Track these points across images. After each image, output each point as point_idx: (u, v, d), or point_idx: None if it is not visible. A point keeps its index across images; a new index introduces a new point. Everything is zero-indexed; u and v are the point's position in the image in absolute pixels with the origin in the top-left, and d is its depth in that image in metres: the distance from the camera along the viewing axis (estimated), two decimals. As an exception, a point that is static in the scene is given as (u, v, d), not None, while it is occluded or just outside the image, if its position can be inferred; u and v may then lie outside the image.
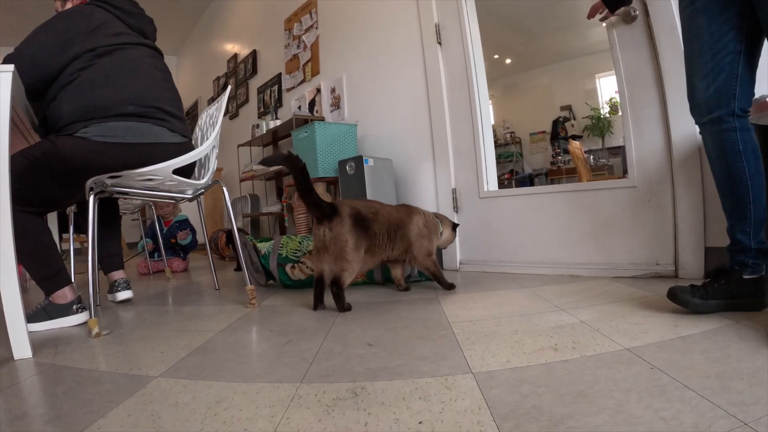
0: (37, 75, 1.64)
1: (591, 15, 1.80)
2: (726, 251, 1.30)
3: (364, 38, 3.24)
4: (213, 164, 1.95)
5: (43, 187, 1.66)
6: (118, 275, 2.19)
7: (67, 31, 1.66)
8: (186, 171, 1.89)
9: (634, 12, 1.85)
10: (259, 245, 2.21)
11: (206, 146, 1.83)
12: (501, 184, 7.93)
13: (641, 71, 1.88)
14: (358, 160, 2.60)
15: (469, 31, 2.53)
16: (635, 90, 1.91)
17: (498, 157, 8.40)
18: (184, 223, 3.62)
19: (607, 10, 1.73)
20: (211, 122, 2.01)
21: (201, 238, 4.68)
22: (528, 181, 7.79)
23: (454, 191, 2.58)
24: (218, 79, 6.11)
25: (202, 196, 2.15)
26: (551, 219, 2.14)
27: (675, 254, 1.76)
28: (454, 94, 2.58)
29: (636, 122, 1.91)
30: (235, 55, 5.54)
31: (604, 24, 1.94)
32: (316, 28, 3.78)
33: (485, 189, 2.43)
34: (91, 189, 1.67)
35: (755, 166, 1.20)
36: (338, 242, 1.63)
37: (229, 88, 2.06)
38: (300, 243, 2.16)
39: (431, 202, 2.70)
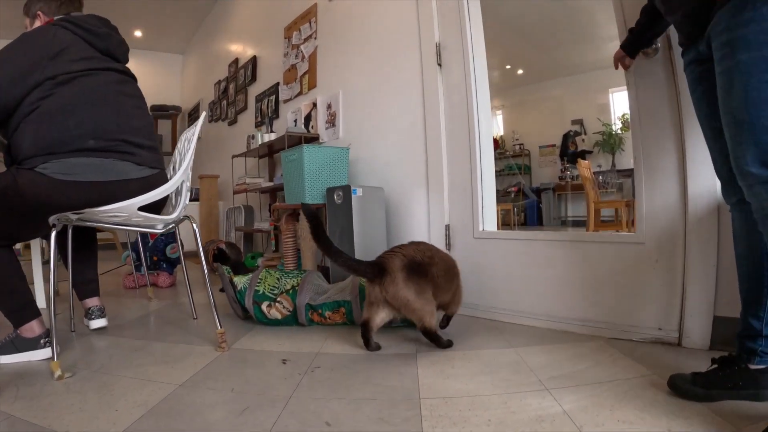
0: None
1: (616, 65, 1.72)
2: (736, 338, 1.20)
3: (363, 53, 3.11)
4: (184, 198, 1.84)
5: (6, 222, 1.60)
6: (92, 302, 2.12)
7: (26, 58, 1.56)
8: (158, 203, 1.78)
9: (655, 44, 1.66)
10: (236, 279, 2.10)
11: (173, 183, 1.72)
12: (507, 197, 7.81)
13: (659, 112, 1.68)
14: (347, 189, 2.47)
15: (472, 53, 2.36)
16: (650, 133, 1.71)
17: (506, 169, 8.26)
18: (172, 237, 3.49)
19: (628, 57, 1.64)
20: (187, 147, 1.89)
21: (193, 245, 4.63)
22: (535, 196, 7.67)
23: (447, 227, 2.43)
24: (219, 82, 6.03)
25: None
26: (548, 268, 1.99)
27: (680, 321, 1.61)
28: (453, 122, 2.41)
29: (649, 171, 1.72)
30: (236, 60, 5.45)
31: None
32: (315, 38, 3.67)
33: (480, 228, 2.27)
34: (54, 225, 1.58)
35: None
36: (398, 300, 1.61)
37: (203, 115, 1.94)
38: (278, 280, 2.05)
39: (422, 237, 2.55)
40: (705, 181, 1.55)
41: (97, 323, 2.09)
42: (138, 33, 7.39)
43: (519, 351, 1.65)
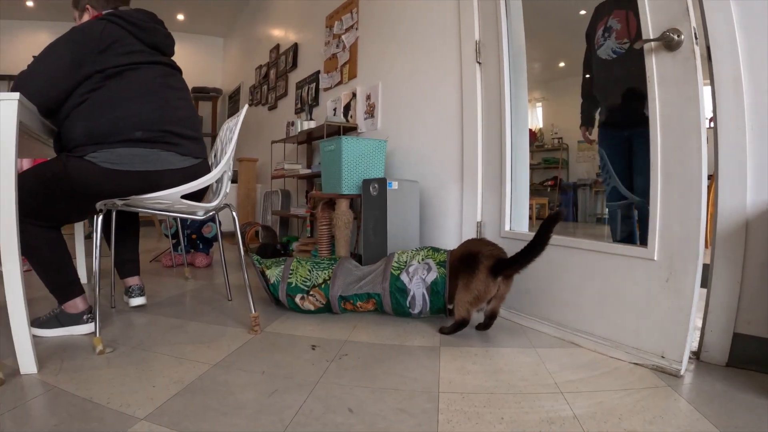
0: (48, 97, 1.64)
1: (585, 139, 1.95)
2: None
3: (403, 46, 3.16)
4: (225, 186, 1.93)
5: (54, 205, 1.70)
6: (132, 281, 2.23)
7: (78, 52, 1.64)
8: (200, 190, 1.88)
9: (678, 36, 1.50)
10: (268, 273, 2.18)
11: (214, 174, 1.82)
12: (544, 191, 7.72)
13: (683, 115, 1.52)
14: (382, 182, 2.54)
15: (512, 51, 2.36)
16: (672, 139, 1.55)
17: (544, 162, 8.15)
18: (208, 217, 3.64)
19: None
20: (229, 137, 1.98)
21: (230, 225, 4.78)
22: (572, 191, 7.55)
23: (479, 224, 2.46)
24: (260, 67, 6.15)
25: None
26: (563, 275, 1.95)
27: (701, 335, 1.59)
28: (490, 119, 2.43)
29: (667, 179, 1.56)
30: (278, 46, 5.55)
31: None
32: (356, 29, 3.72)
33: (506, 228, 2.30)
34: (100, 210, 1.70)
35: None
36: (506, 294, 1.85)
37: (246, 107, 2.02)
38: (310, 272, 2.12)
39: (454, 232, 2.62)
40: (734, 196, 1.50)
41: (137, 301, 2.20)
42: (180, 16, 7.61)
43: (540, 353, 1.70)
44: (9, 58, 7.16)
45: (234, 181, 5.34)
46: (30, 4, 6.95)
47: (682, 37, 1.52)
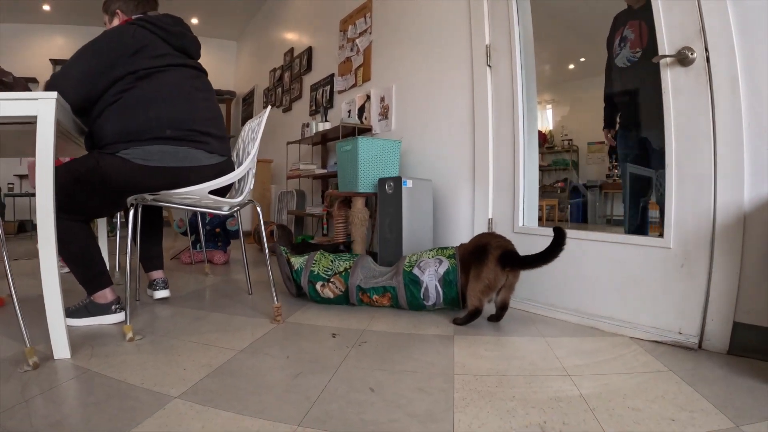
0: (82, 95, 1.74)
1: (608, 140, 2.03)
2: None
3: (416, 50, 3.26)
4: (250, 183, 2.04)
5: (86, 200, 1.78)
6: (157, 275, 2.33)
7: (110, 54, 1.74)
8: (224, 187, 1.98)
9: (691, 54, 1.71)
10: (293, 260, 2.29)
11: (240, 171, 1.93)
12: (554, 192, 7.76)
13: (695, 123, 1.72)
14: (398, 181, 2.64)
15: (522, 54, 2.46)
16: (684, 143, 1.75)
17: (553, 164, 8.20)
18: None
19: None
20: (252, 137, 2.09)
21: (247, 225, 4.89)
22: (580, 193, 7.58)
23: (490, 221, 2.57)
24: (274, 70, 6.26)
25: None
26: (579, 266, 2.09)
27: (702, 325, 1.68)
28: (500, 120, 2.54)
29: (680, 179, 1.77)
30: (292, 49, 5.66)
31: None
32: (370, 33, 3.82)
33: (520, 224, 2.41)
34: (132, 205, 1.80)
35: None
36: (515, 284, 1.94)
37: (269, 108, 2.13)
38: (332, 262, 2.23)
39: (466, 229, 2.72)
40: (734, 192, 1.61)
41: (161, 293, 2.30)
42: (195, 20, 7.75)
43: (549, 341, 1.78)
44: (26, 62, 7.29)
45: (249, 181, 5.44)
46: (46, 8, 7.09)
47: (695, 55, 1.71)
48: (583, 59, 7.63)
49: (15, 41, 7.41)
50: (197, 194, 1.84)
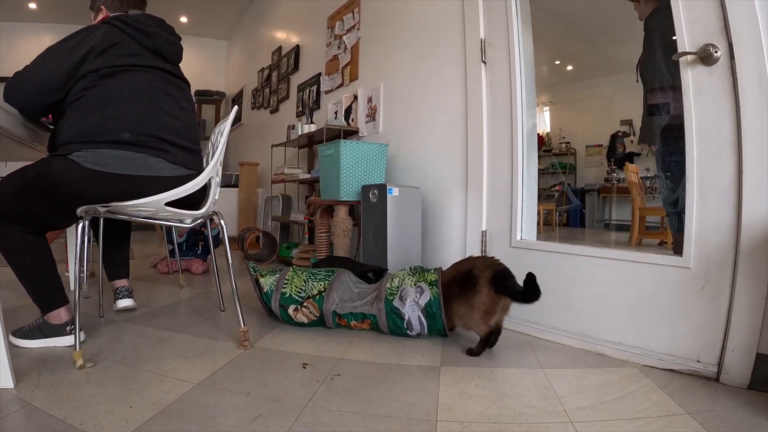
0: (42, 97, 1.61)
1: None
2: None
3: (405, 47, 3.05)
4: (213, 193, 1.82)
5: (36, 208, 1.62)
6: (120, 283, 2.21)
7: (74, 53, 1.59)
8: (192, 200, 1.78)
9: (715, 52, 1.51)
10: (262, 281, 2.08)
11: (199, 180, 1.70)
12: (550, 197, 7.59)
13: (718, 128, 1.53)
14: (382, 189, 2.43)
15: (519, 50, 2.25)
16: (707, 151, 1.56)
17: (550, 167, 8.03)
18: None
19: None
20: (219, 140, 1.87)
21: (231, 231, 4.68)
22: (578, 196, 7.44)
23: (483, 234, 2.35)
24: (262, 70, 6.08)
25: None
26: (585, 285, 1.88)
27: (721, 354, 1.48)
28: (496, 122, 2.32)
29: (702, 190, 1.57)
30: (280, 48, 5.47)
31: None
32: (358, 29, 3.62)
33: (518, 237, 2.19)
34: (81, 217, 1.60)
35: None
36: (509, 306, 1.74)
37: (235, 109, 1.91)
38: (305, 282, 2.01)
39: (458, 242, 2.50)
40: (763, 206, 1.41)
41: (124, 303, 2.17)
42: (184, 19, 7.57)
43: (548, 374, 1.58)
44: (11, 60, 7.05)
45: (235, 185, 5.26)
46: (32, 6, 6.91)
47: (719, 53, 1.52)
48: (577, 61, 7.49)
49: (1, 40, 7.21)
50: (153, 206, 1.63)
